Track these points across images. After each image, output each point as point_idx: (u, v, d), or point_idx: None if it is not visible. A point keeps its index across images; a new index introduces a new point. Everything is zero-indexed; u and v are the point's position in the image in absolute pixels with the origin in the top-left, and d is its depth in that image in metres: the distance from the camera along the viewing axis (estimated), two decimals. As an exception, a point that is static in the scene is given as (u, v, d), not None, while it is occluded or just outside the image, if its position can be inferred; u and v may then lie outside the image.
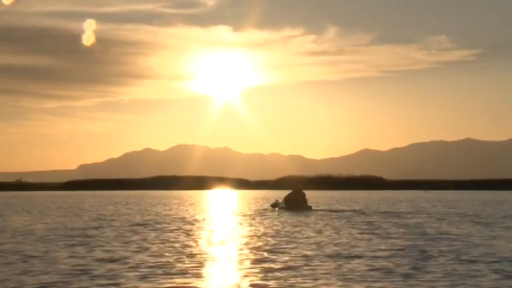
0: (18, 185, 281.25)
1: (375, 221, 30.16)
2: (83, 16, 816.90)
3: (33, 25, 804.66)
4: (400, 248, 17.75)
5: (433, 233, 22.81)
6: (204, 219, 33.33)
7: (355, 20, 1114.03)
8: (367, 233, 22.92)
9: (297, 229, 25.19)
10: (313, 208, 43.37)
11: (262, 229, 25.38)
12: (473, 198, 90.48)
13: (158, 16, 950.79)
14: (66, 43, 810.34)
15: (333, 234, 22.59)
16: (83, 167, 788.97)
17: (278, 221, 30.39)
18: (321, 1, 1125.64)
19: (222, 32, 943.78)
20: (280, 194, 48.32)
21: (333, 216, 34.72)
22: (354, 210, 42.22)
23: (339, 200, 76.48)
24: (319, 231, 23.93)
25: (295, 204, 42.77)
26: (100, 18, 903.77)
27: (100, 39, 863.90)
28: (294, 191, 44.08)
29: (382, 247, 17.97)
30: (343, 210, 42.75)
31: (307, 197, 44.72)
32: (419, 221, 30.69)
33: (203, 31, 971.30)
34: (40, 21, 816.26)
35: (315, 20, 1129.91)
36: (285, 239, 20.86)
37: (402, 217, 34.01)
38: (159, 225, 27.92)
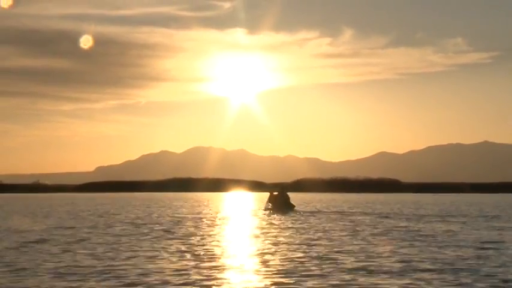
0: (36, 186, 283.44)
1: (410, 226, 28.79)
2: (100, 19, 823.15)
3: (50, 28, 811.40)
4: (461, 258, 16.50)
5: (477, 241, 21.57)
6: (234, 224, 33.54)
7: (370, 22, 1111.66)
8: (411, 240, 21.59)
9: (337, 234, 23.77)
10: (295, 209, 46.18)
11: (291, 235, 24.06)
12: (496, 201, 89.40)
13: (175, 19, 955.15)
14: (83, 46, 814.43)
15: (376, 242, 21.00)
16: (100, 169, 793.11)
17: (305, 226, 29.24)
18: (336, 4, 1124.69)
19: (238, 34, 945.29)
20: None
21: (363, 220, 34.40)
22: (382, 214, 42.26)
23: (361, 203, 76.21)
24: (360, 238, 22.20)
25: (281, 205, 45.67)
26: (117, 21, 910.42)
27: (117, 42, 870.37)
28: (279, 193, 46.91)
29: (442, 257, 16.65)
30: (370, 214, 42.47)
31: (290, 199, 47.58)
32: (456, 226, 29.61)
33: (219, 34, 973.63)
34: (57, 24, 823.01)
35: (330, 22, 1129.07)
36: (325, 247, 18.93)
37: (443, 222, 32.95)
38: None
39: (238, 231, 26.89)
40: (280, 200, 46.32)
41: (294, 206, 46.67)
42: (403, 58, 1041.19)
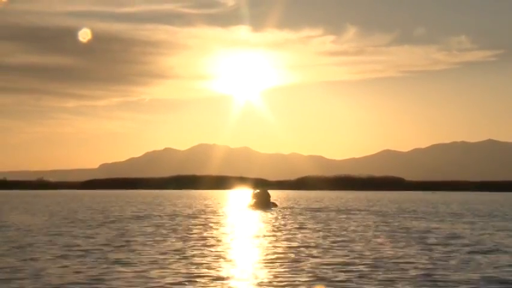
0: (40, 183, 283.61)
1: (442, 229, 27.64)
2: (103, 16, 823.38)
3: (54, 25, 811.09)
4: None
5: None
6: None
7: (374, 20, 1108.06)
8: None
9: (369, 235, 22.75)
10: (277, 205, 49.56)
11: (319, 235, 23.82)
12: (505, 200, 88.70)
13: (178, 16, 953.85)
14: (86, 43, 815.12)
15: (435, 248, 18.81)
16: (104, 166, 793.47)
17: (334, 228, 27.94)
18: (340, 1, 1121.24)
19: (242, 32, 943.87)
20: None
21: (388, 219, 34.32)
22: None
23: (372, 200, 75.87)
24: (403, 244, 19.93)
25: (262, 202, 48.62)
26: (120, 18, 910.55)
27: (121, 39, 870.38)
28: (261, 191, 50.27)
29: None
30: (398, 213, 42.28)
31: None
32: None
33: (223, 31, 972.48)
34: (61, 21, 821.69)
35: (334, 20, 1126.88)
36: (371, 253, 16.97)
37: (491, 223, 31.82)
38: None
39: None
40: (261, 197, 49.05)
41: (274, 204, 49.66)
42: (407, 56, 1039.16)
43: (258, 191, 50.46)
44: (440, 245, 19.49)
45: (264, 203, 48.40)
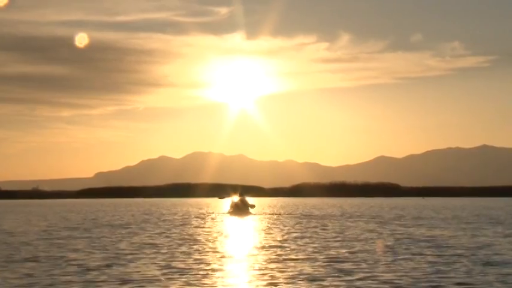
0: (35, 192, 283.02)
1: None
2: (97, 25, 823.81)
3: (48, 34, 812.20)
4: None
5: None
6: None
7: (368, 27, 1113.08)
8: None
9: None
10: (252, 212, 50.96)
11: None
12: (504, 205, 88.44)
13: (172, 24, 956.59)
14: (81, 52, 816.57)
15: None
16: (99, 175, 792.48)
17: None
18: (333, 8, 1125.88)
19: (236, 40, 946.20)
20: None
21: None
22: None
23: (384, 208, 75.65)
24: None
25: (240, 209, 51.30)
26: (114, 27, 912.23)
27: (114, 48, 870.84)
28: (240, 199, 52.94)
29: None
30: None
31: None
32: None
33: (217, 39, 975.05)
34: (55, 31, 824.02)
35: (327, 27, 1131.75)
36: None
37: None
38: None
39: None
40: (239, 204, 51.84)
41: (252, 207, 52.27)
42: (401, 62, 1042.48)
43: (238, 198, 52.43)
44: (464, 256, 19.00)
45: (241, 210, 50.05)
